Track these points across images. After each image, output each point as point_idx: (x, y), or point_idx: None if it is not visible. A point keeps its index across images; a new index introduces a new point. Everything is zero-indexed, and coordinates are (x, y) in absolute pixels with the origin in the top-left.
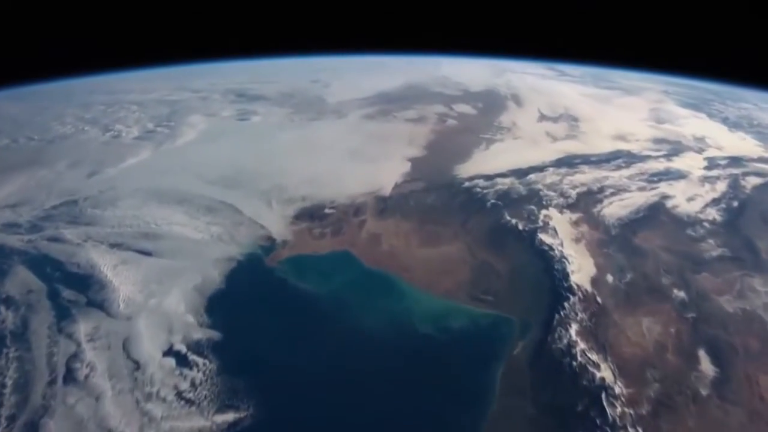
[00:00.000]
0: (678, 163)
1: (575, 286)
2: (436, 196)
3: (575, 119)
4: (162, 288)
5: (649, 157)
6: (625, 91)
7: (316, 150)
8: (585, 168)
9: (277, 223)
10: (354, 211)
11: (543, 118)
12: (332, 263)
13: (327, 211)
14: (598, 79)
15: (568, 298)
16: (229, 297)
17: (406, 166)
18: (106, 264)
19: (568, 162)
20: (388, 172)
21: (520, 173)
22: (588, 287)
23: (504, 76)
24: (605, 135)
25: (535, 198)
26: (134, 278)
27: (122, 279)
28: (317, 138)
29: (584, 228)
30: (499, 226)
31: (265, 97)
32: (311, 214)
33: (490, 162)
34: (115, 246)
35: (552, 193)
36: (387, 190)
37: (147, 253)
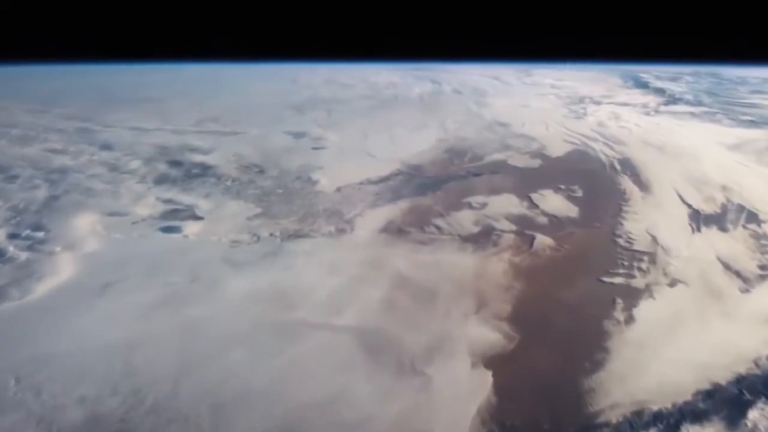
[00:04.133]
0: None
1: None
2: None
3: (756, 219)
4: None
5: None
6: None
7: (284, 339)
8: None
9: None
10: None
11: (697, 218)
12: None
13: None
14: (724, 105)
15: None
16: None
17: (481, 393)
18: None
19: None
20: (443, 407)
21: (724, 398)
22: None
23: (577, 110)
24: None
25: None
26: None
27: None
28: (294, 298)
29: None
30: None
31: (214, 170)
32: None
33: (650, 369)
34: None
35: None
36: None
37: None
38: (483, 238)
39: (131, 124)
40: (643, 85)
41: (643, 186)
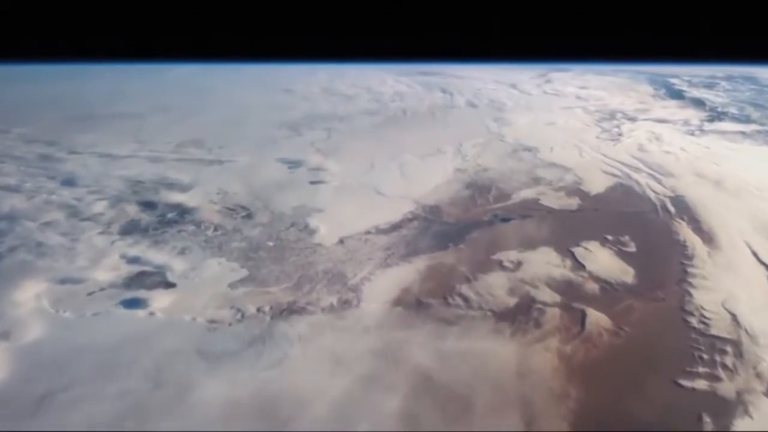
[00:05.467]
0: None
1: None
2: None
3: None
4: None
5: None
6: None
7: None
8: None
9: None
10: None
11: None
12: None
13: None
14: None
15: None
16: None
17: None
18: None
19: None
20: None
21: None
22: None
23: (610, 130)
24: None
25: None
26: None
27: None
28: (286, 411)
29: None
30: None
31: (193, 213)
32: None
33: None
34: None
35: None
36: None
37: None
38: (522, 314)
39: (102, 149)
40: (677, 95)
41: (706, 237)
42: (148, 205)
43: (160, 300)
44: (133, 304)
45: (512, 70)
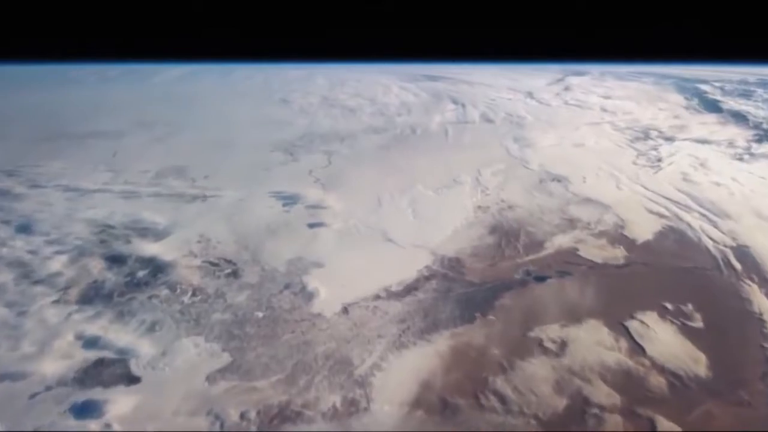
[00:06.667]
0: None
1: None
2: None
3: None
4: None
5: None
6: None
7: None
8: None
9: None
10: None
11: None
12: None
13: None
14: None
15: None
16: None
17: None
18: None
19: None
20: None
21: None
22: None
23: (647, 153)
24: None
25: None
26: None
27: None
28: None
29: None
30: None
31: (168, 271)
32: None
33: None
34: None
35: None
36: None
37: None
38: (574, 421)
39: (69, 181)
40: (713, 107)
41: None
42: (115, 260)
43: (119, 404)
44: (86, 411)
45: (525, 74)
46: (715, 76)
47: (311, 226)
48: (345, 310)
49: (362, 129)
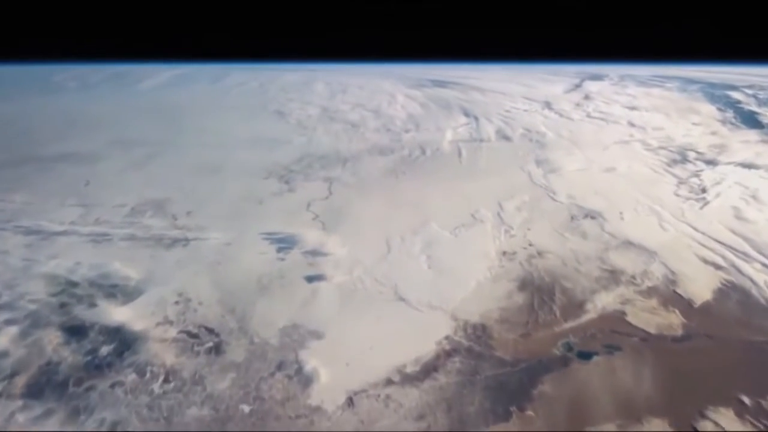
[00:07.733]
0: None
1: None
2: None
3: None
4: None
5: None
6: None
7: None
8: None
9: None
10: None
11: None
12: None
13: None
14: None
15: None
16: None
17: None
18: None
19: None
20: None
21: None
22: None
23: (688, 181)
24: None
25: None
26: None
27: None
28: None
29: None
30: None
31: (137, 348)
32: None
33: None
34: None
35: None
36: None
37: None
38: None
39: (30, 221)
40: (750, 120)
41: None
42: (75, 333)
43: None
44: None
45: (539, 79)
46: (744, 80)
47: (309, 279)
48: (350, 401)
49: (366, 149)
